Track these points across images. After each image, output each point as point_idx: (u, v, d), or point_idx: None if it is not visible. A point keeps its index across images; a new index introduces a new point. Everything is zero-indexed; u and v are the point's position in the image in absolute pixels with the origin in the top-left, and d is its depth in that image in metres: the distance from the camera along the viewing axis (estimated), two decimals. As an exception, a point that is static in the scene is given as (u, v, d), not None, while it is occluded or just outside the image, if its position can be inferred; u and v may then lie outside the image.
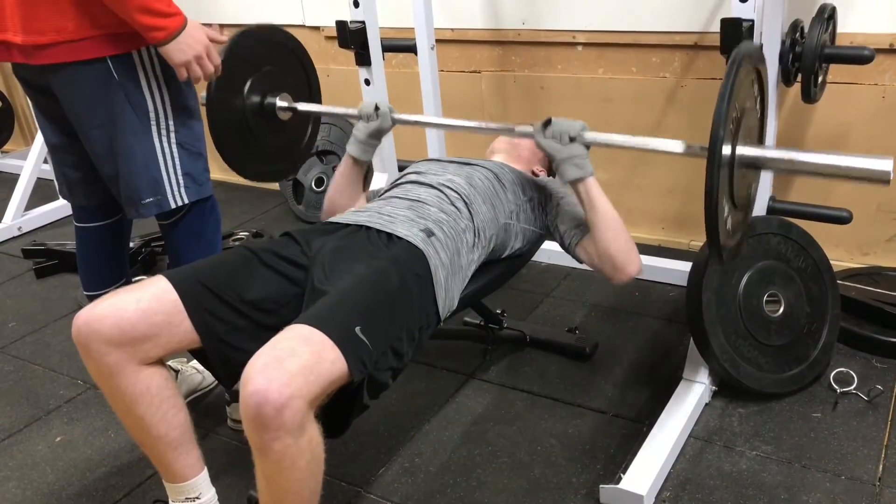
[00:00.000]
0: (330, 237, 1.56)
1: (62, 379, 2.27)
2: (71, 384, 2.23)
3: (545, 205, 1.80)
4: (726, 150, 1.28)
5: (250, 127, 1.87)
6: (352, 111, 1.85)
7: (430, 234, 1.55)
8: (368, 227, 1.57)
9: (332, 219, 1.67)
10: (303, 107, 1.95)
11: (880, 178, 1.25)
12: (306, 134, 2.08)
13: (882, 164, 1.24)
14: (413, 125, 1.93)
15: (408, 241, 1.51)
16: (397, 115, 1.81)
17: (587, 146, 1.59)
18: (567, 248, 1.75)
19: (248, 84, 1.85)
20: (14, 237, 3.37)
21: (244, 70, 1.84)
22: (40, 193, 3.53)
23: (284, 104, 1.91)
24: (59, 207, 3.52)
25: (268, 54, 1.91)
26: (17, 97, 4.41)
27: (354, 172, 1.86)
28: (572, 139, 1.56)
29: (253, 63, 1.86)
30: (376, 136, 1.82)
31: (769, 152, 1.38)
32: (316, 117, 2.09)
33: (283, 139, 1.99)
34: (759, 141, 1.51)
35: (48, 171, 3.41)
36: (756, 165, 1.39)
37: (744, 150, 1.34)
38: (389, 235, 1.54)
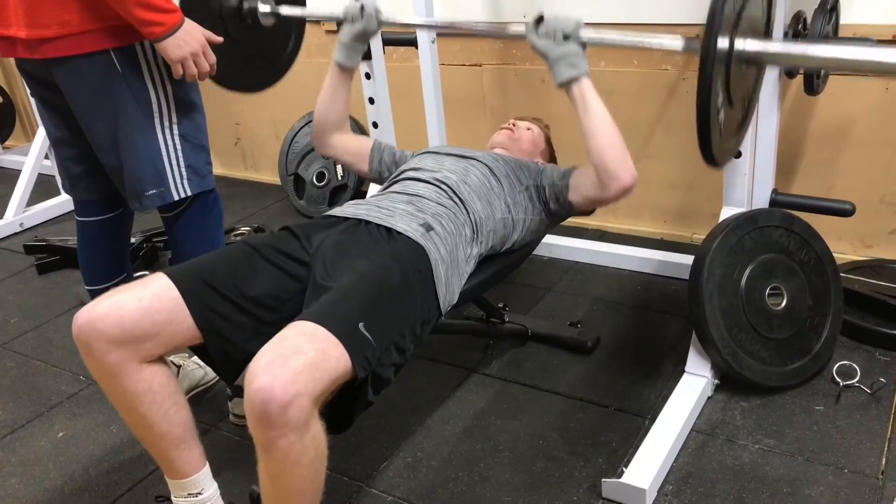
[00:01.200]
0: (330, 231, 1.56)
1: (64, 375, 2.27)
2: (73, 380, 2.24)
3: (540, 185, 1.78)
4: (723, 42, 1.18)
5: (229, 32, 1.80)
6: (337, 15, 1.80)
7: (428, 228, 1.55)
8: (368, 221, 1.57)
9: (331, 212, 1.67)
10: (286, 10, 1.87)
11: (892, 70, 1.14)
12: (290, 40, 2.01)
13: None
14: (401, 27, 1.88)
15: (408, 237, 1.51)
16: (384, 17, 1.76)
17: (583, 45, 1.51)
18: (562, 205, 1.73)
19: None
20: (16, 233, 3.37)
21: None
22: (42, 189, 3.53)
23: (266, 8, 1.84)
24: (61, 203, 3.53)
25: None
26: (19, 93, 4.41)
27: (341, 81, 1.86)
28: (566, 37, 1.49)
29: None
30: (362, 38, 1.80)
31: (773, 46, 1.26)
32: (299, 23, 2.01)
33: (266, 46, 1.92)
34: (766, 34, 1.40)
35: (49, 166, 3.45)
36: (758, 61, 1.27)
37: (744, 44, 1.22)
38: (389, 230, 1.54)
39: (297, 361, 1.15)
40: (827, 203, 2.02)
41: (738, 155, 1.95)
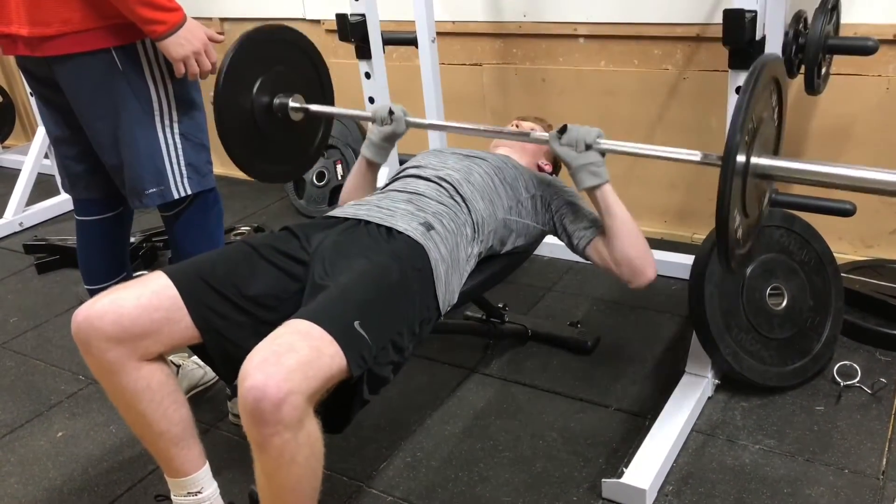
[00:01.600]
0: (330, 231, 1.56)
1: (63, 374, 2.27)
2: (72, 379, 2.23)
3: (550, 203, 1.79)
4: (741, 159, 1.27)
5: (259, 126, 1.86)
6: (366, 114, 1.85)
7: (429, 227, 1.55)
8: (368, 221, 1.57)
9: (331, 213, 1.67)
10: (315, 108, 1.94)
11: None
12: (318, 135, 2.06)
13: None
14: (427, 129, 1.92)
15: (407, 236, 1.51)
16: (411, 119, 1.82)
17: (602, 153, 1.59)
18: (575, 249, 1.74)
19: (258, 83, 1.84)
20: (15, 232, 3.37)
21: (254, 69, 1.83)
22: (41, 189, 3.53)
23: (297, 105, 1.90)
24: (60, 203, 3.53)
25: (279, 54, 1.89)
26: (18, 92, 4.40)
27: (369, 173, 1.91)
28: (588, 146, 1.57)
29: (263, 62, 1.85)
30: (390, 139, 1.84)
31: (784, 163, 1.37)
32: (328, 119, 2.07)
33: (293, 140, 1.97)
34: (775, 152, 1.50)
35: (49, 166, 3.44)
36: (770, 176, 1.38)
37: (759, 161, 1.33)
38: (389, 229, 1.54)
39: (291, 359, 1.15)
40: (827, 203, 2.01)
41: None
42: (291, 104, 1.89)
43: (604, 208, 1.62)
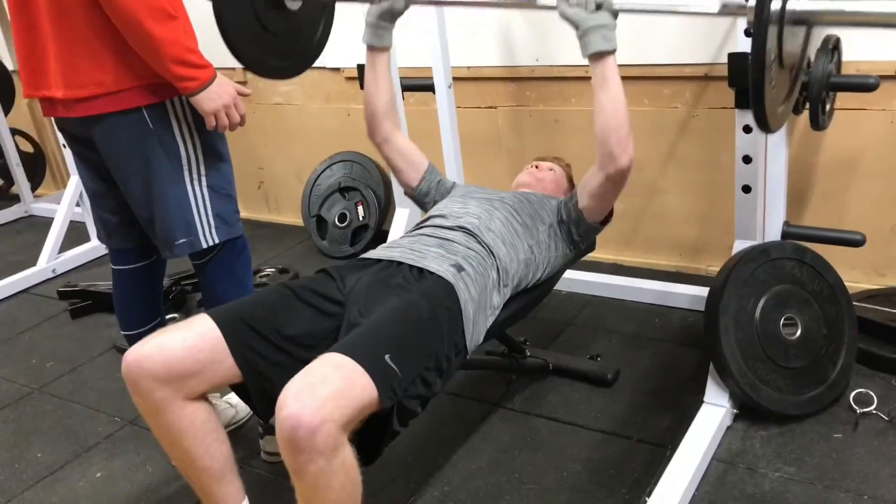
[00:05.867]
0: (364, 273, 1.63)
1: (100, 416, 2.34)
2: (109, 421, 2.30)
3: (560, 217, 1.85)
4: (775, 3, 1.18)
5: (259, 17, 1.79)
6: None
7: (459, 269, 1.61)
8: (400, 263, 1.64)
9: (365, 255, 1.73)
10: None
11: None
12: (319, 25, 2.00)
13: None
14: (428, 4, 1.84)
15: (439, 276, 1.57)
16: None
17: (615, 14, 1.52)
18: (576, 221, 1.80)
19: None
20: (48, 279, 3.46)
21: None
22: (72, 236, 3.63)
23: None
24: (91, 249, 3.63)
25: None
26: (48, 143, 4.56)
27: (378, 63, 1.88)
28: (599, 6, 1.50)
29: None
30: (388, 17, 1.80)
31: (822, 4, 1.27)
32: (328, 6, 2.01)
33: (295, 31, 1.92)
34: None
35: (79, 213, 3.56)
36: (807, 21, 1.29)
37: (794, 4, 1.24)
38: (421, 270, 1.60)
39: (324, 389, 1.22)
40: (838, 234, 2.07)
41: (748, 189, 2.02)
42: None
43: (601, 80, 1.58)
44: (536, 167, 2.10)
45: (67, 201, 3.57)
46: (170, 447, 1.47)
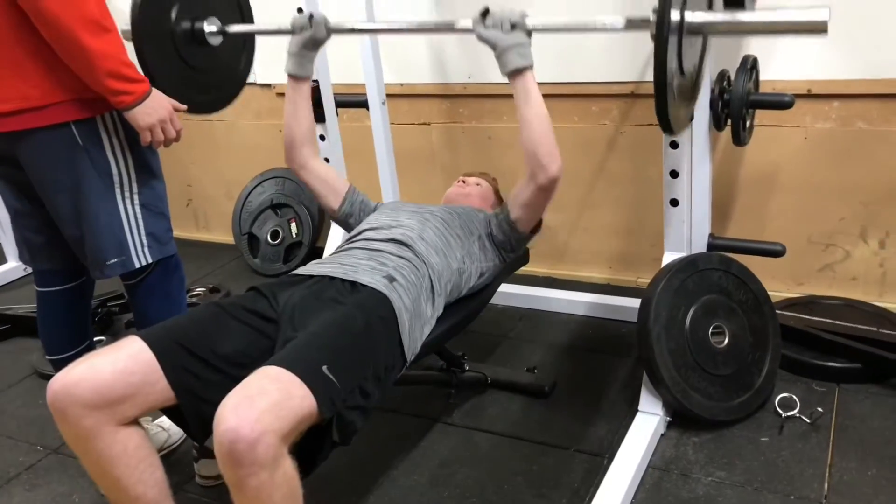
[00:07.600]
0: (296, 288, 1.62)
1: (21, 446, 2.23)
2: (30, 450, 2.20)
3: (490, 230, 1.89)
4: (675, 15, 1.29)
5: (182, 55, 1.82)
6: (284, 27, 1.84)
7: (391, 279, 1.62)
8: (332, 277, 1.63)
9: (296, 271, 1.72)
10: (233, 28, 1.91)
11: (818, 28, 1.28)
12: (241, 58, 2.03)
13: (819, 15, 1.28)
14: (350, 33, 1.91)
15: (372, 288, 1.58)
16: (332, 24, 1.81)
17: (529, 33, 1.59)
18: (507, 232, 1.85)
19: (175, 10, 1.80)
20: (-38, 303, 3.29)
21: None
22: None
23: (213, 28, 1.87)
24: (9, 270, 3.47)
25: None
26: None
27: (298, 92, 1.91)
28: (514, 26, 1.57)
29: None
30: (311, 46, 1.84)
31: (715, 16, 1.41)
32: (249, 40, 2.03)
33: (217, 66, 1.94)
34: (709, 7, 1.53)
35: (-4, 235, 3.40)
36: (703, 31, 1.40)
37: (692, 17, 1.36)
38: (353, 283, 1.61)
39: (262, 401, 1.21)
40: (760, 245, 2.16)
41: (676, 203, 2.09)
42: (207, 27, 1.86)
43: (523, 95, 1.64)
44: (464, 182, 2.14)
45: (-20, 222, 3.41)
46: (100, 477, 1.41)
